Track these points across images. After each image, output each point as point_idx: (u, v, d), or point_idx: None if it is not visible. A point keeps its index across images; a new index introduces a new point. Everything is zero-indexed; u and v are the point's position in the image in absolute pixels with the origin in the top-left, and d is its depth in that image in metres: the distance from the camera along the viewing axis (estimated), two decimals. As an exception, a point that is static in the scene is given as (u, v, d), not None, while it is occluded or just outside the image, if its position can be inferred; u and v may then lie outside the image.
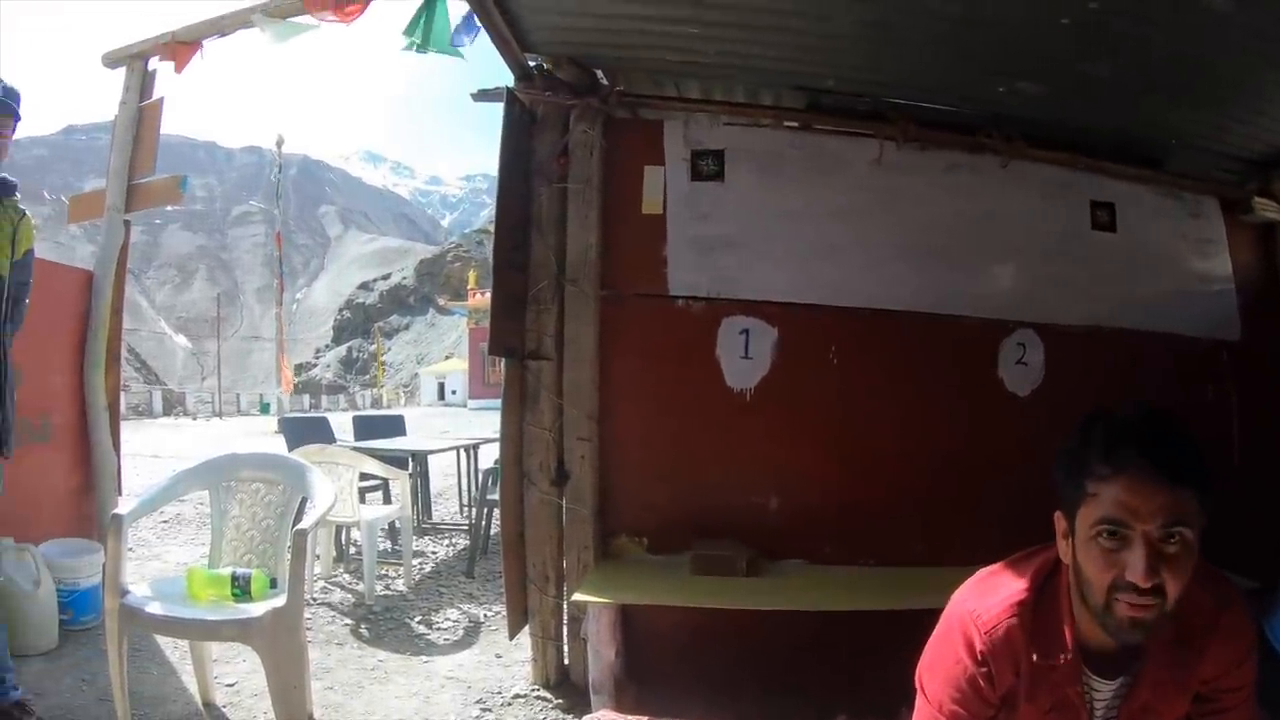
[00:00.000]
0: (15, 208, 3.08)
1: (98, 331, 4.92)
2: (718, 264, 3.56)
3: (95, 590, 4.14)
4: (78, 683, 3.57)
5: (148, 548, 6.59)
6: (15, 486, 3.84)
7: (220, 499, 3.46)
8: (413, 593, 5.20)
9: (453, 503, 8.66)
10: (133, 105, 5.05)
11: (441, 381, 66.24)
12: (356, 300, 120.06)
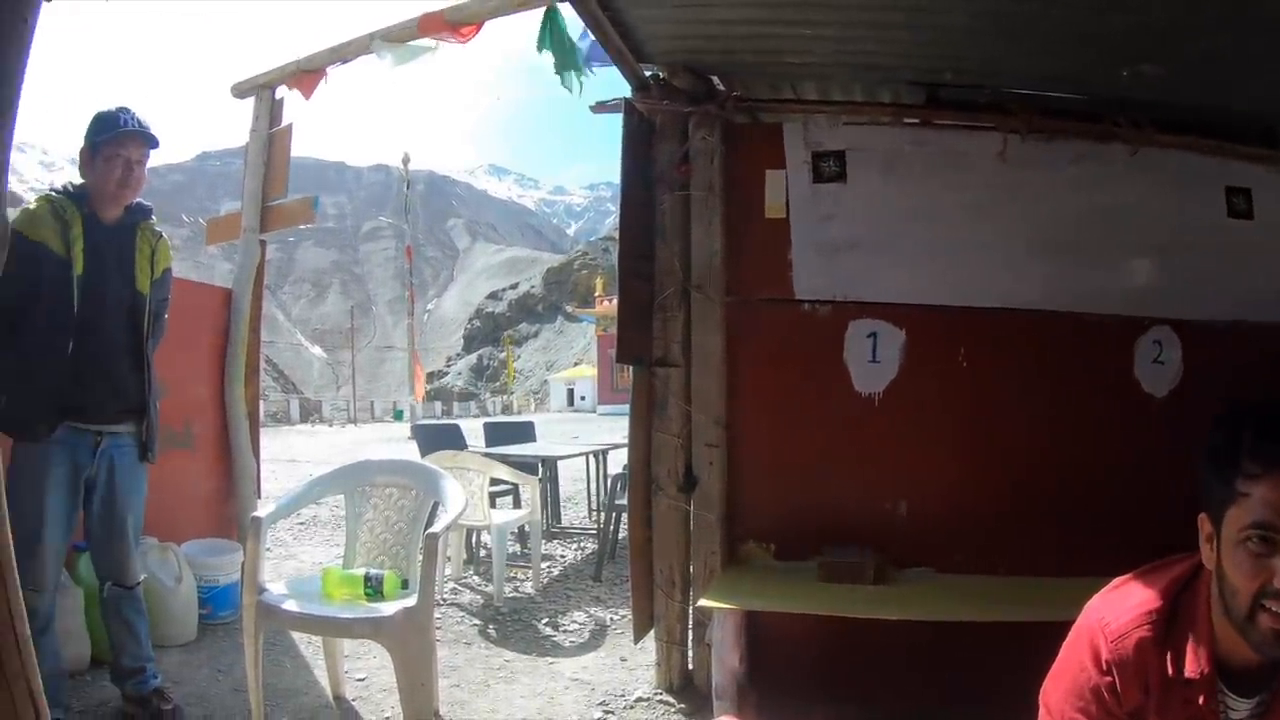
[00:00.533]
0: (152, 230, 3.30)
1: (237, 345, 5.18)
2: (843, 266, 3.50)
3: (233, 587, 4.37)
4: (214, 674, 3.78)
5: (285, 548, 6.92)
6: (160, 489, 4.08)
7: (355, 503, 3.59)
8: (540, 595, 5.27)
9: (582, 507, 8.76)
10: (263, 132, 5.27)
11: (571, 388, 66.87)
12: (486, 309, 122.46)
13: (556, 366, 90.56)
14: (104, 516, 3.17)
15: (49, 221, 2.97)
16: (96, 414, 3.07)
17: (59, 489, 2.98)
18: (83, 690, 3.49)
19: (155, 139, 3.16)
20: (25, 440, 2.95)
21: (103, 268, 3.08)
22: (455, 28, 4.15)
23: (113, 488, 3.15)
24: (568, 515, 8.33)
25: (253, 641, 3.05)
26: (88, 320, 3.00)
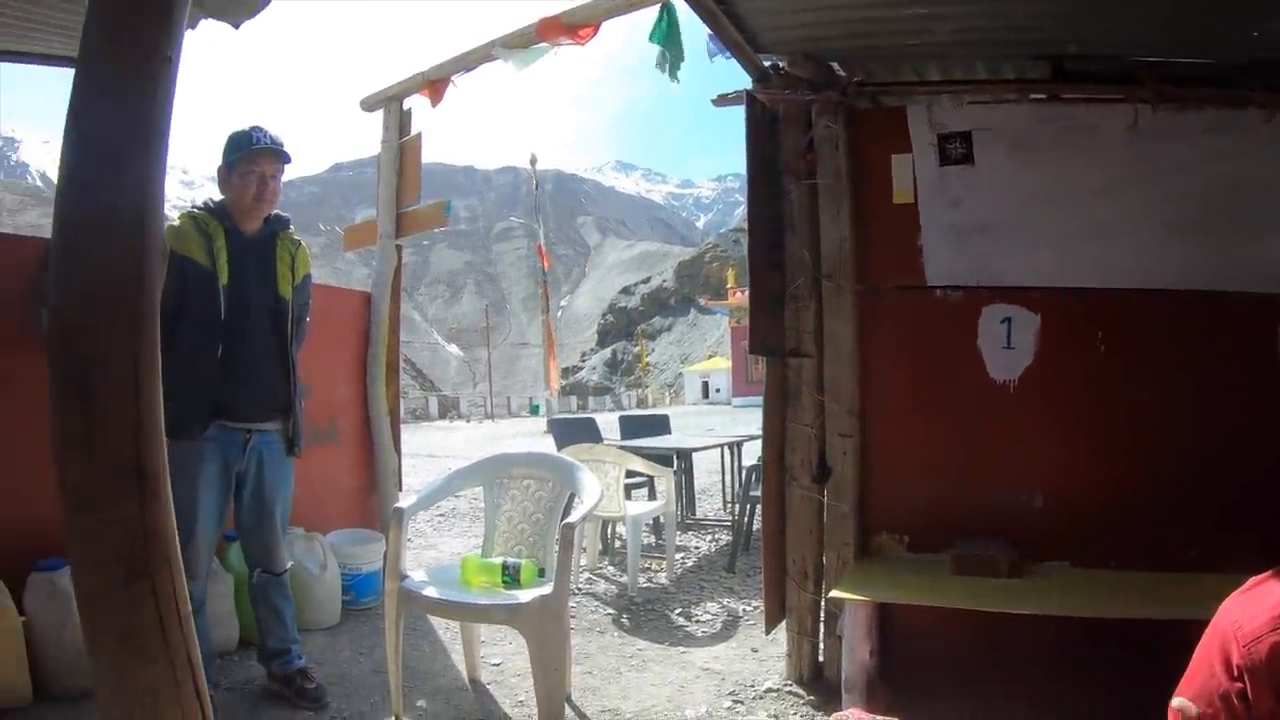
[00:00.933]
0: (291, 239, 3.49)
1: (377, 346, 5.42)
2: (974, 250, 3.37)
3: (375, 575, 4.59)
4: (355, 655, 3.99)
5: (425, 539, 7.13)
6: (306, 483, 4.30)
7: (494, 494, 3.69)
8: (674, 585, 5.27)
9: (716, 499, 8.74)
10: (393, 143, 5.48)
11: (705, 380, 66.93)
12: (619, 304, 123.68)
13: (690, 359, 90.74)
14: (253, 508, 3.39)
15: (193, 236, 3.17)
16: (246, 413, 3.28)
17: (211, 483, 3.20)
18: (231, 669, 3.75)
19: (287, 154, 3.35)
20: (179, 439, 3.12)
21: (246, 277, 3.28)
22: (573, 30, 4.22)
23: (261, 481, 3.38)
24: (702, 507, 8.32)
25: (393, 625, 3.19)
26: (235, 326, 3.21)
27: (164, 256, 1.47)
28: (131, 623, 1.34)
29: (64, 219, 1.38)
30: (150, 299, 1.41)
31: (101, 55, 1.41)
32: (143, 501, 1.36)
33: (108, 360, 1.36)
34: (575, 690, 3.48)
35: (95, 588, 1.35)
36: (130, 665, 1.35)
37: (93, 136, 1.39)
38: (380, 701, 3.41)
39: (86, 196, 1.38)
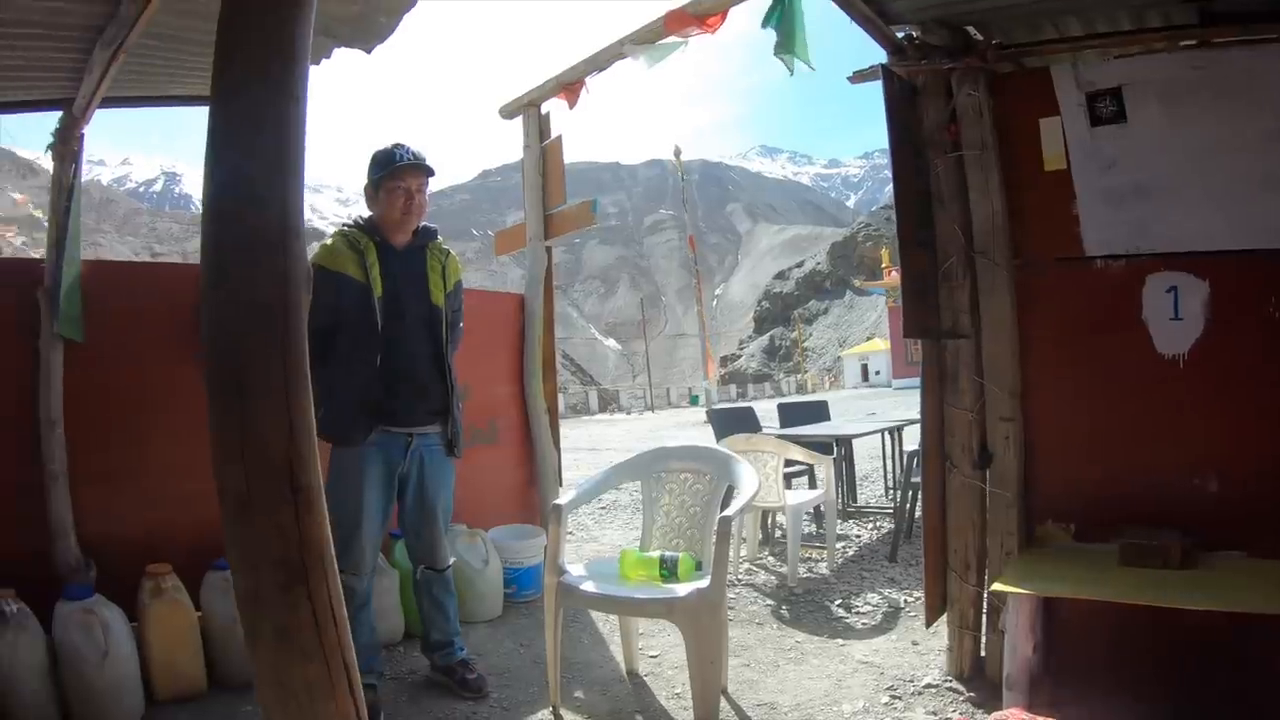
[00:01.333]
0: (440, 249, 3.60)
1: (533, 345, 5.53)
2: (1133, 216, 3.11)
3: (536, 569, 4.70)
4: (516, 647, 4.10)
5: (586, 531, 7.26)
6: (468, 481, 4.48)
7: (651, 488, 3.73)
8: (834, 576, 5.18)
9: (878, 486, 8.57)
10: (535, 147, 5.58)
11: (864, 363, 65.75)
12: (774, 290, 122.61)
13: (849, 342, 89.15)
14: (416, 508, 3.53)
15: (346, 253, 3.33)
16: (406, 418, 3.41)
17: (374, 486, 3.34)
18: (395, 660, 3.93)
19: (430, 168, 3.46)
20: (344, 445, 3.32)
21: (399, 288, 3.41)
22: (701, 20, 4.18)
23: (423, 483, 3.51)
24: (863, 494, 8.17)
25: (553, 618, 3.26)
26: (392, 336, 3.33)
27: (308, 279, 1.53)
28: (289, 624, 1.42)
29: (210, 248, 1.48)
30: (296, 320, 1.48)
31: (233, 98, 1.50)
32: (297, 510, 1.44)
33: (258, 378, 1.44)
34: (732, 683, 3.47)
35: (254, 591, 1.44)
36: (288, 664, 1.43)
37: (231, 173, 1.48)
38: (539, 692, 3.50)
39: (229, 229, 1.47)
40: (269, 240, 1.46)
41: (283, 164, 1.48)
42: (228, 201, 1.48)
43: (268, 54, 1.49)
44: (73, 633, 3.28)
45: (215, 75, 1.51)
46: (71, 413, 3.81)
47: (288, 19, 1.51)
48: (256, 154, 1.47)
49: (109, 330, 3.97)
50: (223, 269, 1.48)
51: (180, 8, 3.21)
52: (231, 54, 1.51)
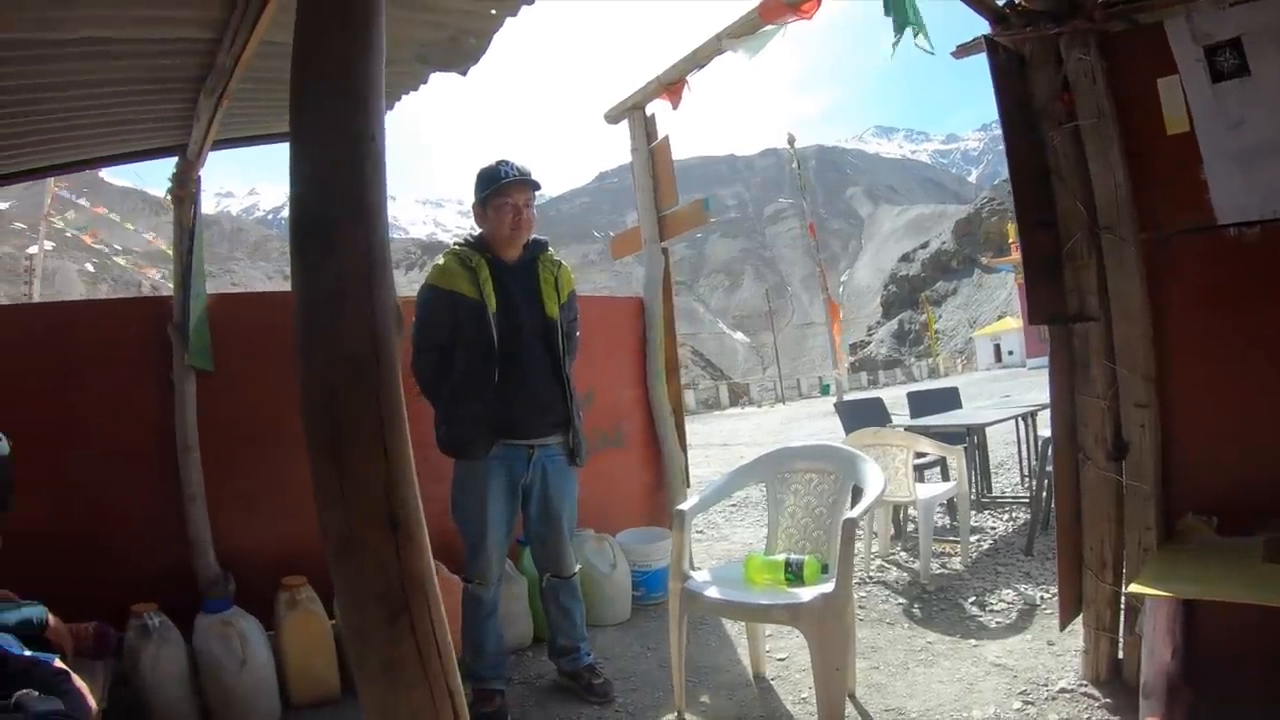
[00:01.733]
0: (552, 260, 3.64)
1: (654, 347, 5.56)
2: (1267, 177, 2.84)
3: (663, 572, 4.68)
4: (643, 650, 4.12)
5: (716, 530, 7.26)
6: (595, 486, 4.53)
7: (776, 489, 3.69)
8: (968, 571, 5.01)
9: (1013, 474, 8.25)
10: (643, 150, 5.60)
11: (997, 343, 63.69)
12: (900, 273, 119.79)
13: (980, 322, 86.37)
14: (540, 518, 3.59)
15: (459, 272, 3.40)
16: (527, 430, 3.47)
17: (498, 498, 3.41)
18: (524, 664, 4.01)
19: (535, 182, 3.50)
20: (467, 459, 3.40)
21: (514, 302, 3.46)
22: (796, 7, 4.11)
23: (546, 493, 3.56)
24: (998, 483, 7.88)
25: (677, 624, 3.26)
26: (509, 350, 3.39)
27: (399, 321, 1.54)
28: (394, 655, 1.46)
29: (300, 299, 1.51)
30: (388, 363, 1.51)
31: (308, 144, 1.55)
32: (398, 546, 1.47)
33: (355, 425, 1.47)
34: (860, 686, 3.40)
35: (359, 624, 1.49)
36: (393, 692, 1.48)
37: (312, 220, 1.52)
38: (665, 696, 3.51)
39: (315, 278, 1.51)
40: (354, 287, 1.49)
41: (362, 206, 1.51)
42: (310, 250, 1.51)
43: (339, 97, 1.52)
44: (212, 643, 3.50)
45: (291, 122, 1.55)
46: (207, 438, 4.08)
47: (357, 61, 1.53)
48: (335, 198, 1.50)
49: (238, 358, 4.23)
50: (312, 319, 1.51)
51: (273, 51, 3.33)
52: (304, 100, 1.55)
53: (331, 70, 1.52)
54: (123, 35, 3.16)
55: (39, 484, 2.03)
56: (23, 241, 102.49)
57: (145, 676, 3.31)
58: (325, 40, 1.54)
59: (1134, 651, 3.04)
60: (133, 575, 3.76)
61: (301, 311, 1.51)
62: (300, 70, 1.55)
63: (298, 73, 1.55)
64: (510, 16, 3.64)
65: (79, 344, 4.01)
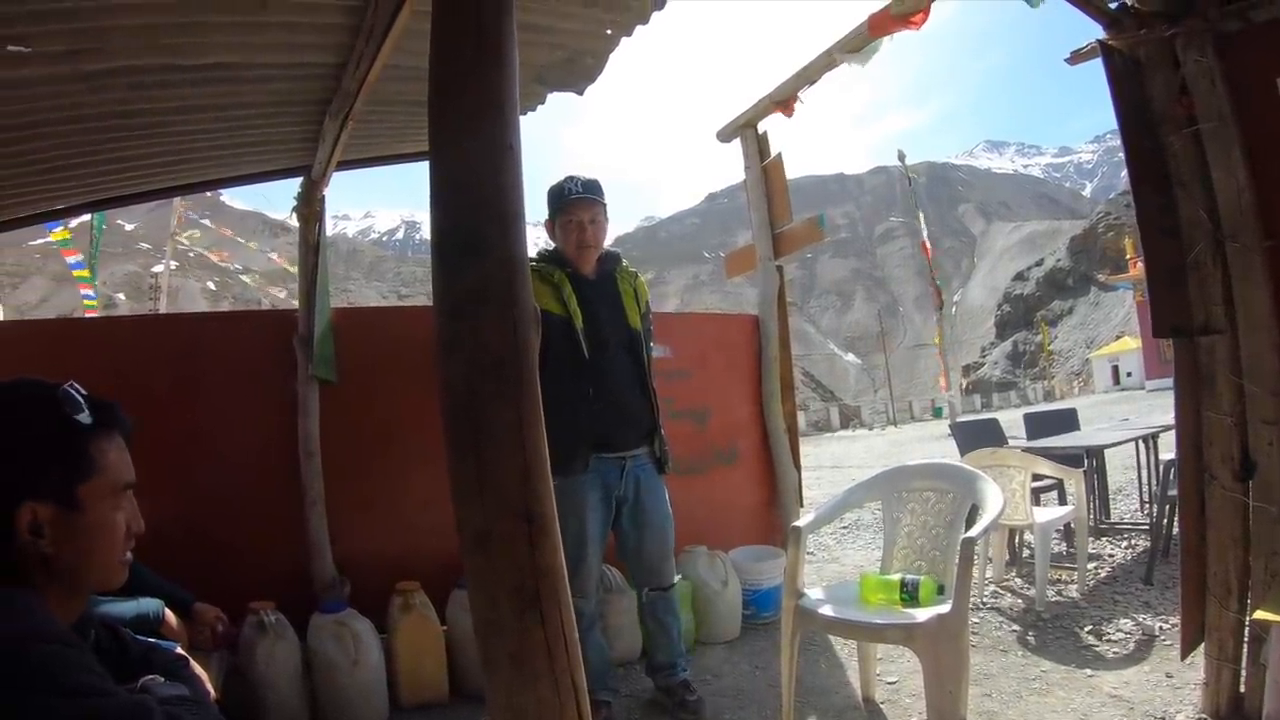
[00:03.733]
0: (628, 272, 3.72)
1: (769, 365, 5.56)
2: None
3: (774, 591, 4.67)
4: (752, 669, 4.08)
5: (827, 551, 7.17)
6: (707, 503, 4.53)
7: (892, 508, 3.64)
8: (1085, 599, 4.84)
9: (1133, 499, 7.95)
10: (756, 167, 5.62)
11: (1114, 364, 61.60)
12: (1014, 292, 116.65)
13: (1096, 343, 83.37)
14: (634, 529, 3.60)
15: (543, 288, 3.45)
16: (620, 443, 3.53)
17: (595, 511, 3.46)
18: (631, 678, 4.03)
19: (595, 198, 3.55)
20: (563, 475, 3.40)
21: (598, 316, 3.52)
22: (905, 18, 4.07)
23: (639, 503, 3.58)
24: (1117, 509, 7.60)
25: (789, 642, 3.23)
26: (598, 364, 3.45)
27: (537, 323, 1.59)
28: (522, 647, 1.51)
29: (441, 302, 1.58)
30: (528, 364, 1.59)
31: (449, 154, 1.62)
32: (532, 541, 1.53)
33: (494, 422, 1.54)
34: (972, 714, 3.30)
35: (490, 616, 1.54)
36: (519, 685, 1.52)
37: (454, 227, 1.59)
38: (772, 716, 3.49)
39: (457, 282, 1.57)
40: (496, 290, 1.55)
41: (503, 213, 1.57)
42: (453, 255, 1.58)
43: (478, 108, 1.59)
44: (326, 642, 3.65)
45: (431, 133, 1.63)
46: (329, 446, 4.26)
47: (494, 72, 1.60)
48: (477, 206, 1.57)
49: (361, 371, 4.40)
50: (454, 322, 1.57)
51: (396, 74, 3.47)
52: (444, 112, 1.62)
53: (469, 82, 1.59)
54: (252, 61, 3.32)
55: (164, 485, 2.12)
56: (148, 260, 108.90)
57: (259, 671, 3.46)
58: (462, 56, 1.60)
59: (1257, 684, 2.89)
60: (252, 575, 3.93)
61: (443, 313, 1.57)
62: (438, 81, 1.63)
63: (436, 84, 1.63)
64: (625, 37, 3.70)
65: (206, 354, 4.24)
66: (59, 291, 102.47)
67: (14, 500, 1.19)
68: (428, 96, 1.62)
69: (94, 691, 1.13)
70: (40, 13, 2.65)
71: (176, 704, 1.35)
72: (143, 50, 3.02)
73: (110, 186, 4.42)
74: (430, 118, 1.62)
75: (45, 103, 3.28)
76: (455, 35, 1.62)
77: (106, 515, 1.29)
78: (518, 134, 1.61)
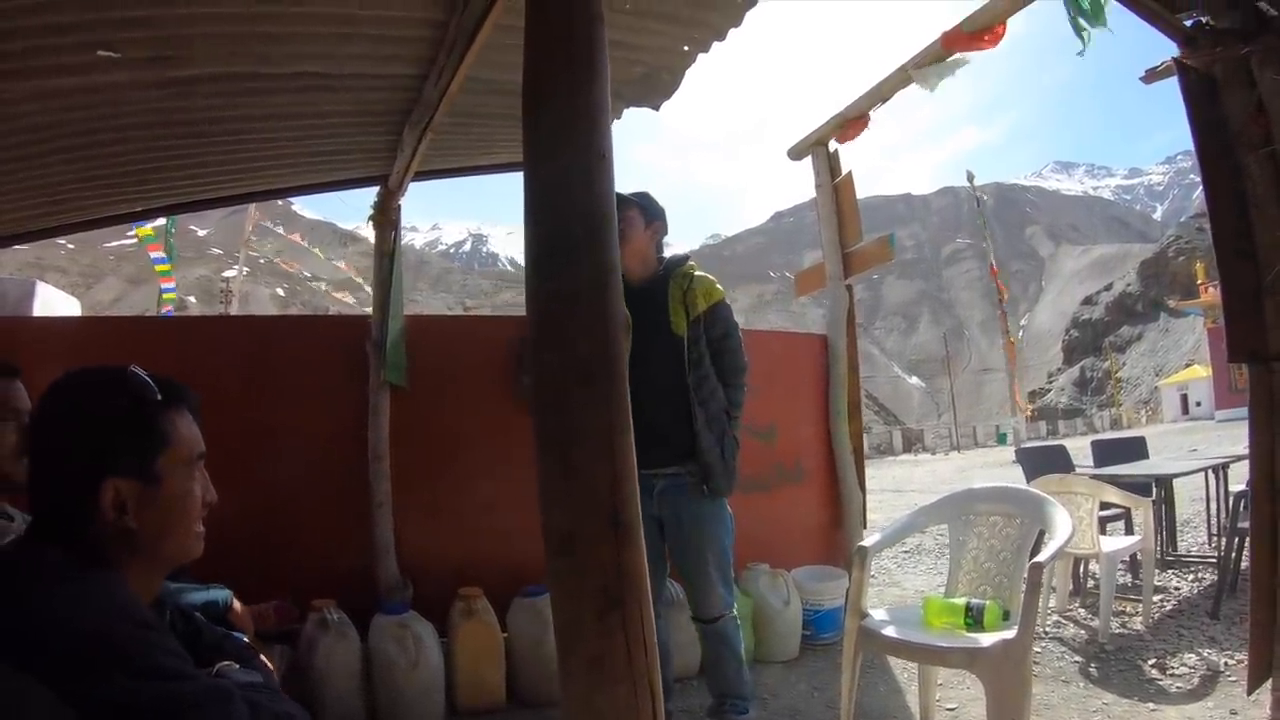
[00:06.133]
0: (684, 274, 3.41)
1: (837, 385, 5.56)
2: None
3: (836, 611, 4.65)
4: (810, 690, 4.06)
5: (888, 575, 7.10)
6: (771, 521, 4.52)
7: (958, 531, 3.61)
8: (1149, 632, 4.73)
9: (1200, 532, 7.75)
10: (827, 185, 5.62)
11: (1183, 393, 60.00)
12: (1082, 317, 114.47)
13: (1165, 370, 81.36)
14: (678, 552, 3.35)
15: None
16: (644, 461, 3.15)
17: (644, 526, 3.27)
18: (687, 694, 3.96)
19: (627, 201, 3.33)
20: None
21: (639, 323, 3.22)
22: (978, 36, 4.03)
23: (677, 527, 3.30)
24: (1184, 541, 7.42)
25: (850, 663, 3.21)
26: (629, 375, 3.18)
27: (627, 329, 1.61)
28: (602, 649, 1.53)
29: (535, 307, 1.62)
30: (618, 369, 1.61)
31: (545, 160, 1.65)
32: (618, 544, 1.54)
33: (584, 426, 1.56)
34: (1032, 745, 3.25)
35: (572, 618, 1.56)
36: (597, 686, 1.53)
37: (550, 232, 1.62)
38: None
39: (550, 284, 1.61)
40: (589, 295, 1.58)
41: (596, 219, 1.60)
42: (548, 260, 1.62)
43: (573, 117, 1.62)
44: (387, 643, 3.70)
45: (526, 141, 1.67)
46: (397, 450, 4.34)
47: (586, 81, 1.64)
48: (570, 211, 1.60)
49: (431, 378, 4.49)
50: (547, 326, 1.61)
51: (477, 86, 3.54)
52: (539, 120, 1.66)
53: (564, 90, 1.63)
54: (337, 71, 3.41)
55: (233, 482, 2.18)
56: (219, 265, 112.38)
57: (319, 666, 3.54)
58: (555, 64, 1.65)
59: (1323, 721, 2.80)
60: (316, 573, 4.04)
61: (536, 315, 1.61)
62: (533, 90, 1.67)
63: (530, 93, 1.66)
64: (702, 53, 3.72)
65: (279, 356, 4.37)
66: (132, 292, 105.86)
67: (96, 480, 1.23)
68: (522, 104, 1.66)
69: (176, 674, 1.17)
70: (129, 20, 2.75)
71: (254, 690, 1.37)
72: (228, 58, 3.12)
73: (190, 190, 4.58)
74: (525, 126, 1.66)
75: (131, 107, 3.41)
76: (548, 44, 1.66)
77: (183, 485, 1.33)
78: (610, 142, 1.64)
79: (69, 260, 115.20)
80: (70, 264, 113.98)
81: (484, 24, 2.91)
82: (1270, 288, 2.96)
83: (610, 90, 1.70)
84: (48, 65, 2.94)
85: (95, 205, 4.48)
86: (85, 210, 4.52)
